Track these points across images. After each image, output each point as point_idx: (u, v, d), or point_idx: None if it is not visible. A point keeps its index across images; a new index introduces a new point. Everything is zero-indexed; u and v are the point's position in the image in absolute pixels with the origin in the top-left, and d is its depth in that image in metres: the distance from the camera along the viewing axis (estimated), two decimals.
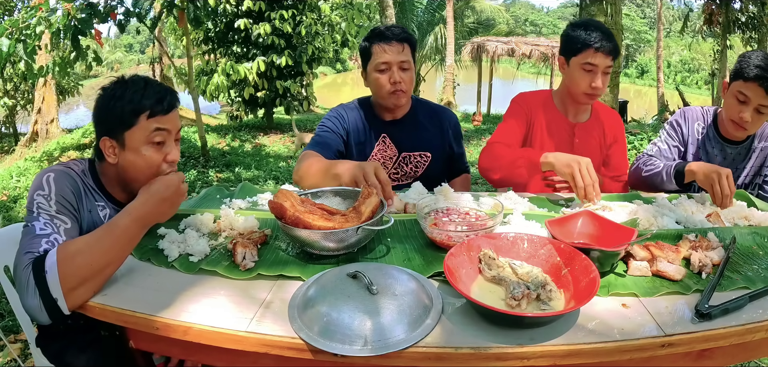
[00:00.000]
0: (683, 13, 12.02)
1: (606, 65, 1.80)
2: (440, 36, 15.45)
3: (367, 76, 1.91)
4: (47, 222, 1.12)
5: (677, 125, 1.97)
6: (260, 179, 5.94)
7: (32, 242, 1.07)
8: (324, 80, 29.16)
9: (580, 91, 1.84)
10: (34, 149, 8.86)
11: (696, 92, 22.55)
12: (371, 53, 1.85)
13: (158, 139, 1.24)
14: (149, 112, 1.22)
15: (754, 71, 1.67)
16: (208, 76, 9.06)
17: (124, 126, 1.22)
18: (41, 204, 1.14)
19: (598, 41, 1.77)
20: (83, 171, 1.30)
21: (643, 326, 0.91)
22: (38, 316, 1.02)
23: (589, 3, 6.13)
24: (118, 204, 1.34)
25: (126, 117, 1.21)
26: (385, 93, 1.84)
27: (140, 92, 1.22)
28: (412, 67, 1.86)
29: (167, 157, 1.26)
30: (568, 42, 1.85)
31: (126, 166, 1.25)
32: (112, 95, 1.23)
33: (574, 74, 1.85)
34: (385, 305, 0.90)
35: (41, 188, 1.17)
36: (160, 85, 1.28)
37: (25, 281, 1.02)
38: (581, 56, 1.80)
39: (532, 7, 58.67)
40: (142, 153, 1.23)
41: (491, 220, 1.24)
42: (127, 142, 1.23)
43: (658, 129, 7.64)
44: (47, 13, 4.18)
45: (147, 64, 12.38)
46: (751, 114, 1.72)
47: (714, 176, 1.52)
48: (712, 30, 9.70)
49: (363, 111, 1.96)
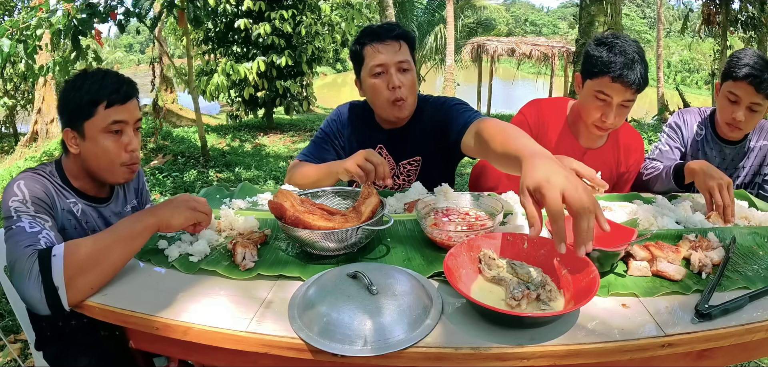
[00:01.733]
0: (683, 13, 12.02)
1: (624, 99, 1.55)
2: (440, 36, 15.46)
3: (361, 84, 1.68)
4: (32, 221, 1.12)
5: (677, 126, 1.95)
6: (260, 179, 5.94)
7: (29, 238, 1.07)
8: (324, 80, 29.15)
9: (589, 120, 1.63)
10: (34, 149, 8.85)
11: (696, 92, 22.55)
12: (364, 57, 1.62)
13: (116, 129, 1.28)
14: (107, 102, 1.26)
15: (744, 70, 1.65)
16: (208, 76, 9.06)
17: (83, 116, 1.26)
18: (19, 208, 1.14)
19: (619, 69, 1.51)
20: (50, 172, 1.31)
21: (643, 326, 0.91)
22: (38, 305, 1.02)
23: (589, 3, 6.13)
24: (90, 198, 1.36)
25: (84, 107, 1.25)
26: (384, 102, 1.61)
27: (98, 83, 1.26)
28: (412, 68, 1.62)
29: (127, 146, 1.30)
30: (586, 60, 1.62)
31: (87, 156, 1.29)
32: (73, 87, 1.27)
33: (586, 100, 1.62)
34: (385, 305, 0.90)
35: (15, 194, 1.17)
36: (118, 75, 1.31)
37: (28, 269, 1.02)
38: (596, 82, 1.56)
39: (532, 7, 58.69)
40: (101, 143, 1.27)
41: (491, 220, 1.24)
42: (86, 132, 1.26)
43: (658, 129, 7.65)
44: (47, 14, 4.18)
45: (147, 64, 12.38)
46: (744, 113, 1.70)
47: (713, 185, 1.42)
48: (711, 30, 9.69)
49: (364, 115, 1.77)
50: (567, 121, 1.79)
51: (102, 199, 1.40)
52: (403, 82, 1.59)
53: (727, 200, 1.40)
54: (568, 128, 1.78)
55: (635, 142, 1.83)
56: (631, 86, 1.53)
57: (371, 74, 1.60)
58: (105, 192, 1.42)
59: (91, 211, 1.36)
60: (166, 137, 8.03)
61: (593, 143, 1.78)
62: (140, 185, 1.60)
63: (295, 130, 9.92)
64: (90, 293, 1.02)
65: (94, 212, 1.37)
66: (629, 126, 1.87)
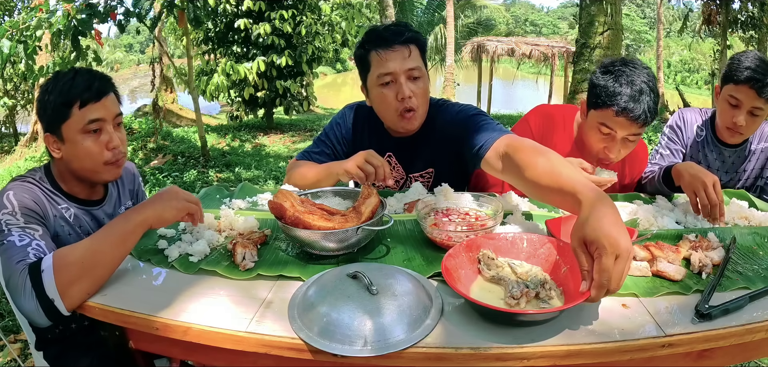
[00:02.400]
0: (683, 13, 12.02)
1: (629, 133, 1.46)
2: (440, 36, 15.48)
3: (367, 91, 1.56)
4: (21, 234, 1.11)
5: (677, 128, 1.91)
6: (260, 179, 5.94)
7: (19, 253, 1.07)
8: (324, 80, 29.14)
9: (593, 151, 1.56)
10: (34, 149, 8.84)
11: (696, 92, 22.53)
12: (370, 63, 1.50)
13: (94, 127, 1.24)
14: (80, 102, 1.21)
15: (745, 73, 1.60)
16: (208, 76, 9.06)
17: (59, 119, 1.22)
18: (9, 221, 1.13)
19: (625, 102, 1.41)
20: (40, 178, 1.29)
21: (643, 326, 0.91)
22: (36, 318, 1.02)
23: (589, 3, 6.13)
24: (81, 201, 1.33)
25: (58, 110, 1.22)
26: (392, 113, 1.50)
27: (69, 83, 1.22)
28: (424, 75, 1.49)
29: (108, 144, 1.26)
30: (591, 89, 1.53)
31: (69, 159, 1.26)
32: (46, 90, 1.24)
33: (589, 130, 1.54)
34: (385, 305, 0.90)
35: (4, 206, 1.15)
36: (89, 73, 1.27)
37: (21, 285, 1.02)
38: (600, 113, 1.47)
39: (532, 7, 58.69)
40: (81, 144, 1.23)
41: (491, 220, 1.24)
42: (65, 135, 1.23)
43: (659, 129, 7.64)
44: (47, 14, 4.18)
45: (147, 64, 12.37)
46: (745, 118, 1.66)
47: (698, 185, 1.36)
48: (712, 29, 9.69)
49: (371, 120, 1.66)
50: (574, 140, 1.72)
51: (95, 201, 1.38)
52: (414, 91, 1.47)
53: (713, 198, 1.34)
54: (575, 147, 1.71)
55: (641, 152, 1.78)
56: (636, 121, 1.43)
57: (379, 83, 1.48)
58: (98, 194, 1.40)
59: (84, 214, 1.34)
60: (166, 137, 8.03)
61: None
62: (136, 186, 1.58)
63: (295, 130, 9.92)
64: (86, 297, 1.02)
65: (87, 216, 1.35)
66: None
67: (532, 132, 1.69)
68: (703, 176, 1.37)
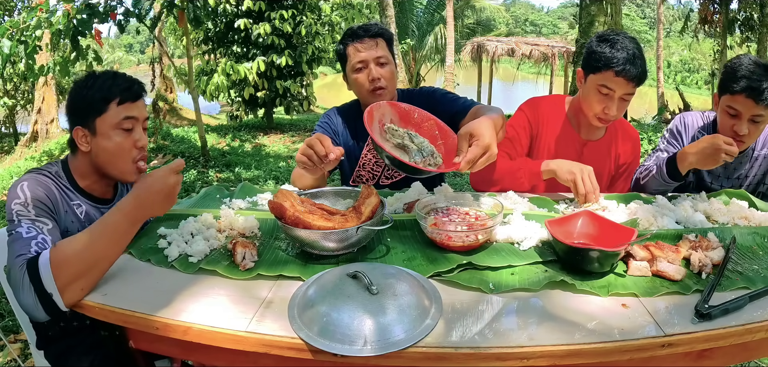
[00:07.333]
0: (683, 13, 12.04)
1: (625, 92, 1.64)
2: (440, 36, 15.46)
3: (347, 79, 1.85)
4: (30, 226, 1.13)
5: (677, 132, 1.89)
6: (260, 179, 5.94)
7: (22, 246, 1.09)
8: (324, 80, 29.13)
9: (592, 112, 1.71)
10: (34, 149, 8.85)
11: (696, 92, 22.52)
12: (347, 56, 1.79)
13: (127, 126, 1.30)
14: (119, 99, 1.28)
15: (741, 83, 1.57)
16: (208, 76, 9.06)
17: (95, 113, 1.27)
18: (20, 212, 1.16)
19: (622, 64, 1.58)
20: (56, 173, 1.32)
21: (643, 326, 0.91)
22: (34, 312, 1.03)
23: (589, 3, 6.13)
24: (95, 199, 1.37)
25: (97, 104, 1.27)
26: (365, 92, 1.77)
27: (110, 81, 1.29)
28: (390, 62, 1.78)
29: (137, 143, 1.31)
30: (589, 56, 1.68)
31: (98, 152, 1.30)
32: (85, 85, 1.30)
33: (589, 93, 1.70)
34: (385, 305, 0.90)
35: (17, 197, 1.19)
36: (128, 76, 1.36)
37: (20, 279, 1.04)
38: (599, 76, 1.64)
39: (532, 7, 58.69)
40: (113, 139, 1.28)
41: (491, 220, 1.24)
42: (98, 129, 1.28)
43: (658, 129, 7.64)
44: (47, 14, 4.19)
45: (147, 64, 12.38)
46: (746, 126, 1.62)
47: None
48: (710, 29, 9.70)
49: (353, 114, 1.90)
50: (566, 116, 1.86)
51: (106, 200, 1.40)
52: (382, 74, 1.76)
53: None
54: (568, 123, 1.85)
55: (631, 131, 1.94)
56: (632, 80, 1.61)
57: (354, 70, 1.77)
58: (110, 193, 1.42)
59: (95, 212, 1.36)
60: (166, 137, 8.03)
61: (593, 135, 1.86)
62: None
63: (295, 130, 9.92)
64: (85, 293, 1.03)
65: (98, 214, 1.36)
66: (626, 123, 1.95)
67: (529, 119, 1.84)
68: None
